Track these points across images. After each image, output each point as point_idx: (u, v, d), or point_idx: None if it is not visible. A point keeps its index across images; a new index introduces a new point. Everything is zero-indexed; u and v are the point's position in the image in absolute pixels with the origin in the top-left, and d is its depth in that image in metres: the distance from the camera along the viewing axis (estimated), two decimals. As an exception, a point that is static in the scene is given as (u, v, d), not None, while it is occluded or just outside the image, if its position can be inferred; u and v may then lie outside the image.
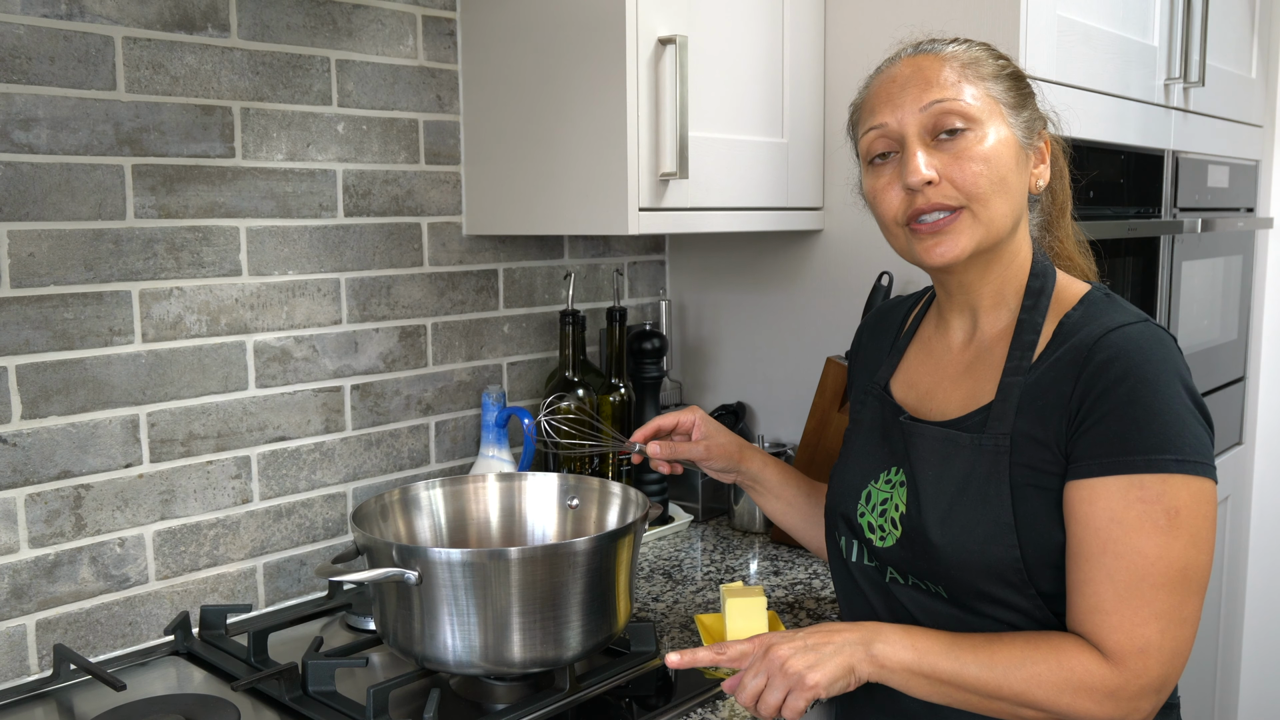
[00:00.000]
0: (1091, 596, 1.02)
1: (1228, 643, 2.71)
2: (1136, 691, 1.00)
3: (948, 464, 1.11)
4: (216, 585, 1.51)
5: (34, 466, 1.33)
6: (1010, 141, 1.09)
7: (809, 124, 1.84)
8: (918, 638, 1.07)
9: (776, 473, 1.41)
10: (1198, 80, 2.15)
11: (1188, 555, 1.00)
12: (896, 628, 1.08)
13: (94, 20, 1.34)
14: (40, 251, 1.31)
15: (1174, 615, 1.00)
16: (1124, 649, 1.00)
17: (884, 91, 1.12)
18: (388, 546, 1.16)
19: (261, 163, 1.51)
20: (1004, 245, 1.13)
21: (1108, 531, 1.00)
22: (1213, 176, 2.33)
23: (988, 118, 1.08)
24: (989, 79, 1.10)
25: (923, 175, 1.07)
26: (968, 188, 1.07)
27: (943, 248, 1.09)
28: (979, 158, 1.07)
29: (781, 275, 1.99)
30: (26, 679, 1.33)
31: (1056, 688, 1.01)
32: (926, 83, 1.09)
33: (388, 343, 1.69)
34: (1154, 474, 0.99)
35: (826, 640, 1.06)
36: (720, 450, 1.36)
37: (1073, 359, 1.05)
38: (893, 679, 1.06)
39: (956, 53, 1.12)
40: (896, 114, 1.10)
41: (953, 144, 1.08)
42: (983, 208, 1.08)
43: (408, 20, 1.67)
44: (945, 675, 1.04)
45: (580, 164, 1.58)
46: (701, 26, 1.62)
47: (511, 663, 1.18)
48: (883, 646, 1.06)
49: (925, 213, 1.09)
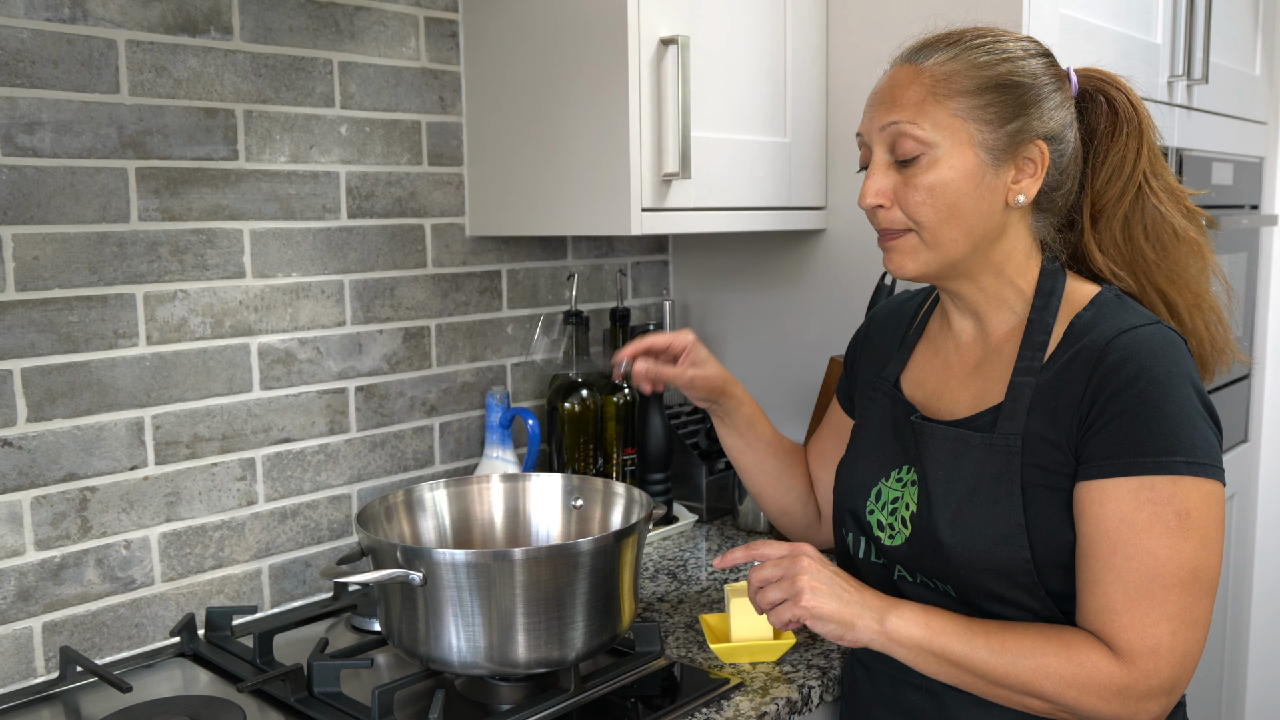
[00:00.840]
0: (1102, 597, 1.02)
1: (1234, 639, 2.71)
2: (1145, 692, 1.00)
3: (958, 464, 1.11)
4: (222, 587, 1.51)
5: (39, 469, 1.33)
6: (967, 167, 1.07)
7: (811, 123, 1.84)
8: (933, 616, 1.08)
9: (752, 409, 1.39)
10: (1201, 77, 2.15)
11: (1198, 556, 1.00)
12: (915, 605, 1.09)
13: (97, 24, 1.34)
14: (45, 255, 1.32)
15: (1185, 616, 1.00)
16: (1135, 649, 1.00)
17: (870, 99, 1.14)
18: (392, 548, 1.16)
19: (265, 165, 1.51)
20: (982, 257, 1.12)
21: (1118, 532, 1.00)
22: (1217, 174, 2.32)
23: (942, 142, 1.07)
24: (962, 94, 1.07)
25: (869, 201, 1.11)
26: (912, 215, 1.09)
27: (894, 266, 1.13)
28: (924, 187, 1.08)
29: (784, 275, 1.99)
30: (33, 681, 1.34)
31: (1064, 681, 1.01)
32: (892, 101, 1.10)
33: (391, 344, 1.69)
34: (1164, 475, 1.00)
35: (849, 589, 1.09)
36: (705, 382, 1.33)
37: (1085, 360, 1.05)
38: (900, 653, 1.07)
39: (938, 63, 1.09)
40: (868, 127, 1.13)
41: (906, 169, 1.09)
42: (929, 234, 1.09)
43: (410, 22, 1.67)
44: (955, 657, 1.05)
45: (583, 164, 1.58)
46: (703, 26, 1.62)
47: (516, 663, 1.18)
48: (897, 620, 1.07)
49: (879, 230, 1.13)
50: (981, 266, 1.13)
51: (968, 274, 1.13)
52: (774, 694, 1.26)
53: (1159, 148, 1.17)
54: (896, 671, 1.18)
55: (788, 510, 1.41)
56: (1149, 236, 1.15)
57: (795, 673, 1.32)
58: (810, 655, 1.37)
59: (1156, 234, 1.15)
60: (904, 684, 1.18)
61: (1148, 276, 1.16)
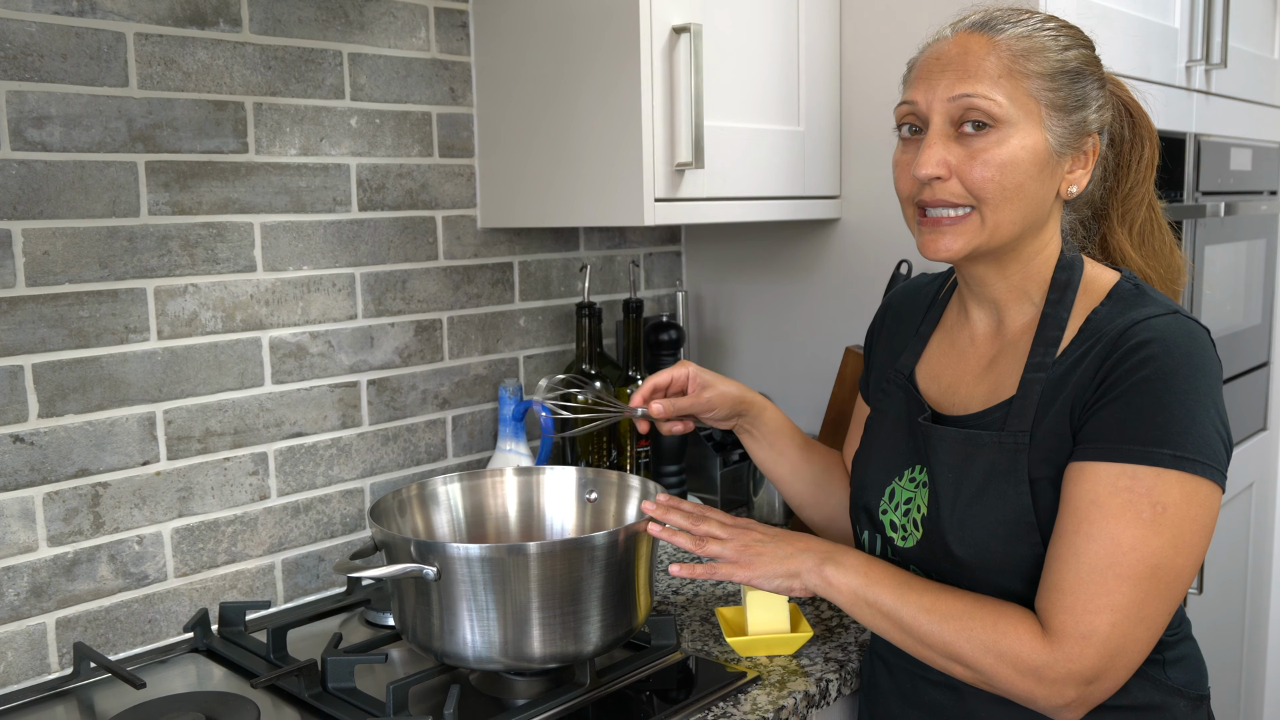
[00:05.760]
0: (1054, 574, 1.00)
1: (1254, 628, 2.69)
2: (1063, 675, 0.98)
3: (968, 465, 1.09)
4: (235, 582, 1.51)
5: (51, 465, 1.33)
6: (1037, 148, 1.05)
7: (825, 112, 1.82)
8: (874, 567, 1.11)
9: (775, 417, 1.38)
10: (1220, 62, 2.12)
11: (1164, 554, 0.97)
12: (859, 554, 1.13)
13: (105, 17, 1.33)
14: (55, 250, 1.31)
15: (1132, 611, 0.97)
16: (1066, 631, 0.98)
17: (927, 66, 1.08)
18: (406, 542, 1.15)
19: (275, 158, 1.50)
20: (1021, 245, 1.10)
21: (1085, 512, 0.99)
22: (1235, 159, 2.30)
23: (1018, 120, 1.04)
24: (1039, 76, 1.04)
25: (929, 171, 1.05)
26: (976, 190, 1.05)
27: (940, 245, 1.08)
28: (994, 163, 1.04)
29: (799, 265, 1.97)
30: (47, 677, 1.33)
31: (983, 647, 1.02)
32: (965, 71, 1.05)
33: (403, 337, 1.68)
34: (1149, 466, 0.97)
35: (792, 541, 1.15)
36: (721, 398, 1.33)
37: (1100, 351, 1.03)
38: (837, 598, 1.11)
39: (1014, 37, 1.05)
40: (928, 95, 1.07)
41: (973, 140, 1.04)
42: (991, 212, 1.05)
43: (420, 12, 1.66)
44: (886, 608, 1.08)
45: (595, 155, 1.57)
46: (715, 14, 1.60)
47: (531, 658, 1.17)
48: (834, 568, 1.11)
49: (931, 206, 1.08)
50: (1015, 254, 1.10)
51: (999, 261, 1.11)
52: (791, 687, 1.25)
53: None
54: (915, 667, 1.16)
55: (832, 518, 1.39)
56: (1157, 249, 1.21)
57: (813, 666, 1.31)
58: (828, 648, 1.36)
59: (1160, 249, 1.22)
60: (923, 679, 1.16)
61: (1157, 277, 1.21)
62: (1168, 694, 1.09)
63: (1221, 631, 2.46)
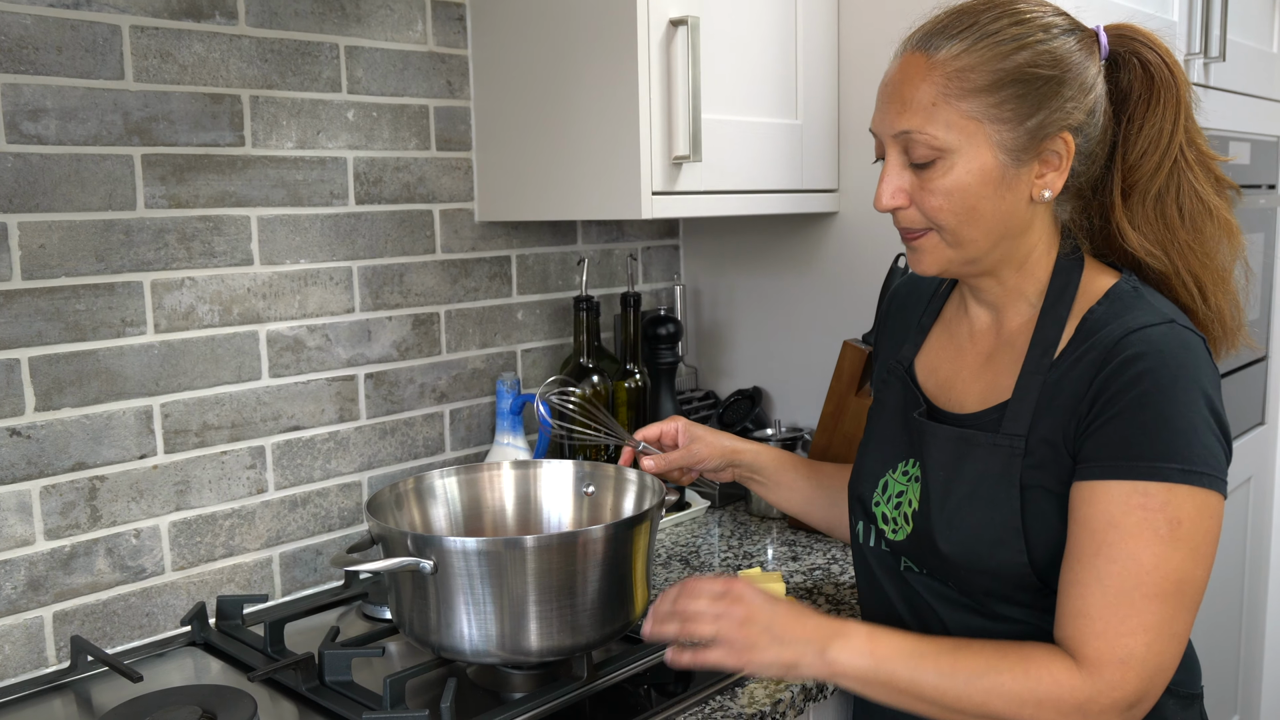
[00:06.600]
0: (1078, 600, 0.98)
1: (1251, 625, 2.69)
2: (1109, 705, 0.95)
3: (960, 464, 1.09)
4: (233, 575, 1.51)
5: (48, 458, 1.33)
6: (986, 168, 1.02)
7: (823, 105, 1.82)
8: (879, 642, 1.03)
9: (772, 459, 1.40)
10: (1218, 55, 2.12)
11: (1185, 568, 0.96)
12: (862, 630, 1.04)
13: (101, 9, 1.33)
14: (51, 243, 1.31)
15: (1163, 629, 0.96)
16: (1104, 658, 0.95)
17: (881, 92, 1.08)
18: (403, 536, 1.15)
19: (271, 151, 1.50)
20: (1006, 253, 1.08)
21: (1104, 535, 0.97)
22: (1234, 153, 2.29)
23: (959, 146, 1.01)
24: (978, 92, 1.00)
25: (887, 203, 1.07)
26: (932, 218, 1.05)
27: (920, 263, 1.10)
28: (941, 191, 1.03)
29: (797, 259, 1.97)
30: (44, 670, 1.33)
31: (1019, 699, 0.97)
32: (902, 103, 1.03)
33: (401, 331, 1.68)
34: (1159, 482, 0.96)
35: (789, 623, 1.05)
36: (709, 450, 1.36)
37: (1093, 360, 1.02)
38: (847, 684, 1.04)
39: (951, 55, 1.01)
40: (880, 127, 1.07)
41: (921, 171, 1.04)
42: (950, 234, 1.06)
43: (417, 5, 1.65)
44: (902, 684, 1.01)
45: (593, 148, 1.56)
46: (713, 7, 1.60)
47: (529, 651, 1.17)
48: (838, 652, 1.03)
49: (900, 228, 1.10)
50: (1004, 261, 1.09)
51: (990, 269, 1.10)
52: (788, 681, 1.25)
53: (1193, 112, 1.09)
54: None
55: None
56: (1184, 217, 1.08)
57: (810, 660, 1.31)
58: (825, 642, 1.36)
59: (1191, 215, 1.08)
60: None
61: (1182, 259, 1.09)
62: (1159, 693, 1.08)
63: (1219, 625, 2.46)
